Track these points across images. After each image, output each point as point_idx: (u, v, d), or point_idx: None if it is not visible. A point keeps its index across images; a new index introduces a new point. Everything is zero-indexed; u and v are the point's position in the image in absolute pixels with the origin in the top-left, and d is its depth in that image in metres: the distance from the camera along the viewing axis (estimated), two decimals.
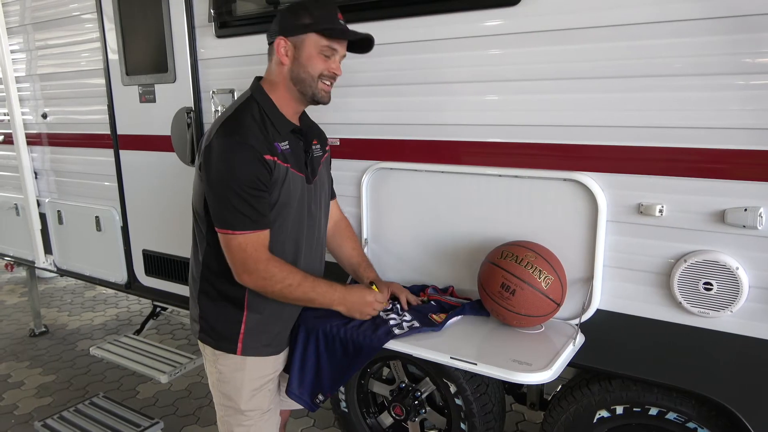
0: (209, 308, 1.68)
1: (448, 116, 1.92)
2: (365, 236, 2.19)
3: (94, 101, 3.02)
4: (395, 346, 1.66)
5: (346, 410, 2.41)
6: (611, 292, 1.74)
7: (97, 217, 3.13)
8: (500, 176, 1.86)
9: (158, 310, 3.55)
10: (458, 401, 2.08)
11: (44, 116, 3.32)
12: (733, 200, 1.51)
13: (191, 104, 2.57)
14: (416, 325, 1.74)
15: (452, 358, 1.56)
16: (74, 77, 3.13)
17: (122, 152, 2.93)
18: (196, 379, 3.41)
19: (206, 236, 1.62)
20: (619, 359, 1.76)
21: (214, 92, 2.48)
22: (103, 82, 2.93)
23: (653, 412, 1.77)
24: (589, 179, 1.68)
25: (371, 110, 2.09)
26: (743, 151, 1.47)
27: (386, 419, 2.37)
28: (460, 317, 1.82)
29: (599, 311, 1.76)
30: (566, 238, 1.77)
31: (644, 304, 1.69)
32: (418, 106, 1.97)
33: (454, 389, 2.07)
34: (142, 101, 2.79)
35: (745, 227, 1.49)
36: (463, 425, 2.10)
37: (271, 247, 1.57)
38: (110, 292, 4.96)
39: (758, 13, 1.40)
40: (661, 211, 1.60)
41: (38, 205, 3.48)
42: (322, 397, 1.76)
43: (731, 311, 1.54)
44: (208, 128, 2.02)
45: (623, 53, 1.58)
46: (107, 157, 3.00)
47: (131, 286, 3.11)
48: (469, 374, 2.03)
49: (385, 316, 1.78)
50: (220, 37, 2.44)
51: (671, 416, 1.74)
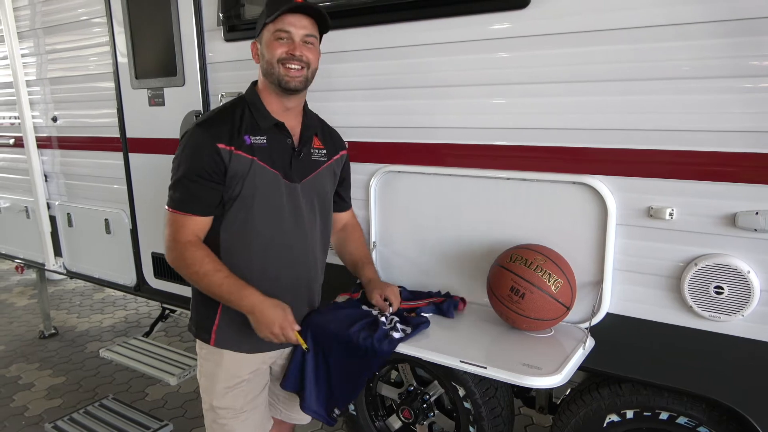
0: (194, 297, 1.74)
1: (456, 119, 1.92)
2: (373, 239, 2.19)
3: (103, 105, 3.04)
4: (405, 349, 1.66)
5: (354, 413, 2.41)
6: (621, 295, 1.73)
7: (106, 219, 3.15)
8: (508, 179, 1.85)
9: (167, 312, 3.57)
10: (467, 405, 2.07)
11: (54, 120, 3.34)
12: (744, 203, 1.50)
13: (200, 107, 2.59)
14: (408, 330, 1.74)
15: (462, 361, 1.55)
16: (84, 81, 3.15)
17: (131, 155, 2.95)
18: None
19: None
20: (629, 363, 1.75)
21: (222, 95, 2.49)
22: (112, 85, 2.95)
23: (664, 416, 1.76)
24: (598, 182, 1.68)
25: (379, 113, 2.09)
26: (754, 154, 1.47)
27: (395, 422, 2.37)
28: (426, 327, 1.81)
29: (609, 315, 1.75)
30: (575, 241, 1.76)
31: (654, 307, 1.68)
32: (426, 109, 1.97)
33: (462, 392, 2.06)
34: (151, 104, 2.80)
35: (756, 231, 1.48)
36: (471, 429, 2.09)
37: (233, 240, 1.59)
38: (118, 294, 4.99)
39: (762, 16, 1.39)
40: (671, 214, 1.59)
41: (48, 207, 3.50)
42: (337, 410, 1.76)
43: (742, 315, 1.53)
44: None
45: (632, 56, 1.58)
46: (117, 160, 3.02)
47: (140, 288, 3.13)
48: (478, 377, 2.03)
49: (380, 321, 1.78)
50: (228, 40, 2.45)
51: (682, 420, 1.73)
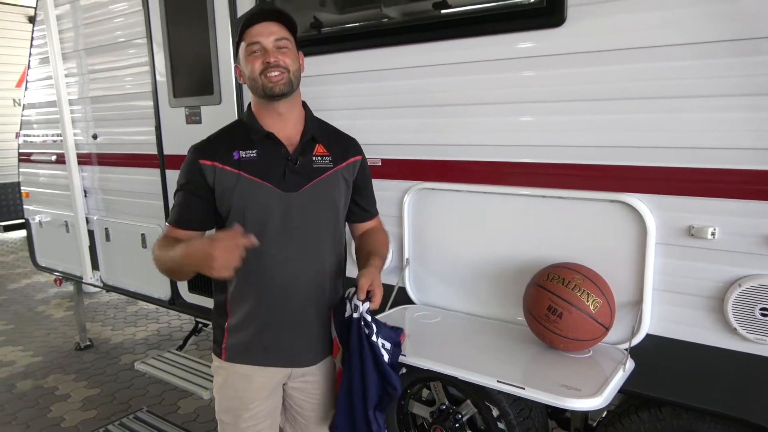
0: (212, 315, 1.77)
1: (491, 137, 1.92)
2: (407, 256, 2.20)
3: (142, 122, 3.13)
4: (439, 368, 1.65)
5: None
6: (661, 316, 1.70)
7: (143, 234, 3.23)
8: (544, 197, 1.84)
9: (200, 326, 3.62)
10: (501, 425, 2.04)
11: (94, 137, 3.45)
12: None
13: None
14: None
15: (499, 381, 1.54)
16: (123, 99, 3.25)
17: (168, 172, 3.03)
18: None
19: None
20: (670, 386, 1.71)
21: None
22: (151, 104, 3.04)
23: None
24: (637, 201, 1.66)
25: (413, 131, 2.11)
26: None
27: None
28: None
29: (649, 336, 1.72)
30: (613, 260, 1.74)
31: (696, 329, 1.64)
32: (461, 126, 1.98)
33: (496, 413, 2.03)
34: (188, 122, 2.88)
35: None
36: None
37: None
38: (151, 307, 5.08)
39: None
40: (713, 233, 1.56)
41: (87, 222, 3.60)
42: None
43: None
44: None
45: (672, 73, 1.56)
46: (154, 176, 3.10)
47: (174, 302, 3.18)
48: (512, 398, 2.00)
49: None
50: None
51: None
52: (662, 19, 1.56)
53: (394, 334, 1.67)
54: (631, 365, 1.68)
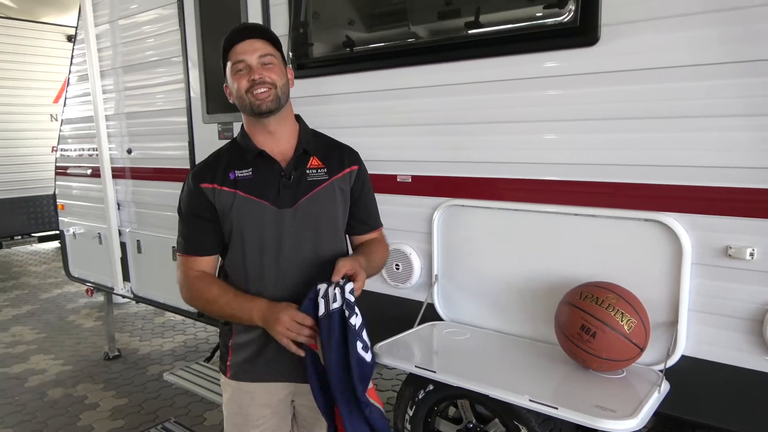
0: (219, 333, 1.79)
1: (523, 155, 1.93)
2: (435, 272, 2.20)
3: (175, 138, 3.21)
4: (470, 385, 1.64)
5: None
6: (697, 337, 1.67)
7: (173, 247, 3.27)
8: (576, 215, 1.84)
9: None
10: None
11: (129, 152, 3.55)
12: None
13: None
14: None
15: (531, 400, 1.53)
16: (158, 115, 3.35)
17: None
18: None
19: None
20: (706, 409, 1.67)
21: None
22: (184, 120, 3.12)
23: None
24: (672, 220, 1.64)
25: (444, 148, 2.13)
26: None
27: None
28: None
29: (684, 357, 1.69)
30: (647, 279, 1.72)
31: (734, 351, 1.61)
32: (493, 144, 2.00)
33: None
34: (220, 138, 2.94)
35: None
36: None
37: (232, 271, 1.64)
38: (178, 318, 5.14)
39: None
40: (752, 254, 1.54)
41: (119, 234, 3.69)
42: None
43: None
44: None
45: (708, 93, 1.56)
46: None
47: (203, 314, 3.23)
48: (541, 417, 1.97)
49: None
50: (296, 78, 2.54)
51: None
52: (694, 39, 1.56)
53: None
54: (666, 387, 1.65)
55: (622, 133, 1.71)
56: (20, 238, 6.33)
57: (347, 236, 1.77)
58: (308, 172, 1.63)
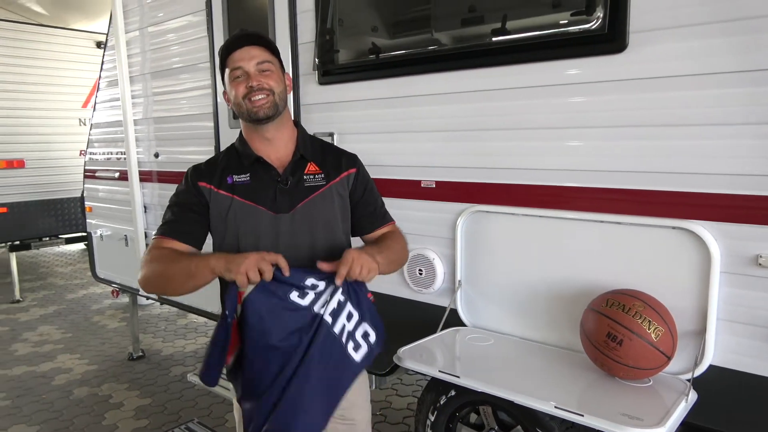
0: None
1: (549, 161, 1.93)
2: (459, 278, 2.20)
3: (201, 142, 3.27)
4: (494, 390, 1.64)
5: None
6: (725, 347, 1.65)
7: None
8: (601, 222, 1.83)
9: None
10: None
11: (156, 156, 3.62)
12: None
13: None
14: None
15: (557, 407, 1.52)
16: (185, 120, 3.41)
17: None
18: None
19: None
20: (734, 419, 1.65)
21: (314, 135, 2.62)
22: (211, 125, 3.17)
23: None
24: (701, 228, 1.63)
25: (469, 154, 2.14)
26: None
27: None
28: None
29: (712, 367, 1.67)
30: (674, 287, 1.70)
31: (763, 361, 1.59)
32: (519, 150, 2.00)
33: None
34: None
35: None
36: None
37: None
38: (200, 320, 5.21)
39: None
40: None
41: (146, 236, 3.76)
42: None
43: None
44: None
45: (737, 99, 1.55)
46: None
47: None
48: (565, 425, 1.96)
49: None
50: (322, 84, 2.59)
51: None
52: (724, 46, 1.55)
53: (378, 321, 1.54)
54: (693, 396, 1.63)
55: (650, 140, 1.70)
56: (48, 239, 6.45)
57: (360, 238, 1.76)
58: (305, 177, 1.64)
